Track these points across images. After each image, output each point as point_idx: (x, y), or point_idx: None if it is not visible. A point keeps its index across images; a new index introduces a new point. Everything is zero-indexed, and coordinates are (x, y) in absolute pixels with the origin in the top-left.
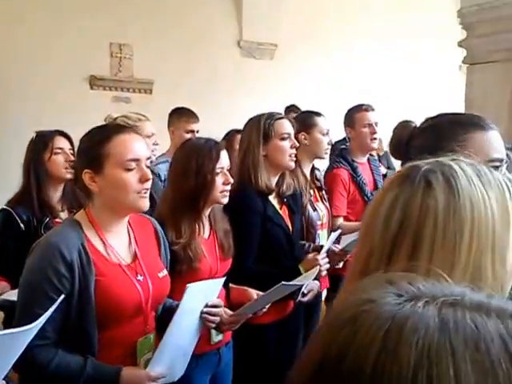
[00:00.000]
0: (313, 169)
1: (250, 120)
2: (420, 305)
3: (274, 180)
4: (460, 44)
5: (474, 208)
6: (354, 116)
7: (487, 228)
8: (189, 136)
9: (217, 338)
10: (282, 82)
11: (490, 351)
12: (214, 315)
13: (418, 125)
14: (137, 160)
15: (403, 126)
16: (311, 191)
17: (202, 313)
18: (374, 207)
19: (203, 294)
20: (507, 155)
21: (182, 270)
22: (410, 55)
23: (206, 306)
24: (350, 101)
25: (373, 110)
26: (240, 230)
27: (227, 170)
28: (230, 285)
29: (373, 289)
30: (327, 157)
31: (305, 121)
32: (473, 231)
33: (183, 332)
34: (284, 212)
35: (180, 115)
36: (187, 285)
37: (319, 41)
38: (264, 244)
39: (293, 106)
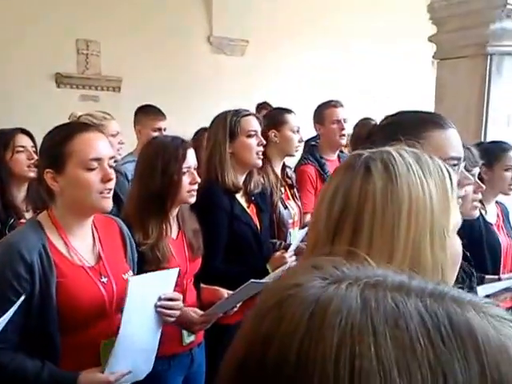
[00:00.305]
0: (284, 166)
1: (217, 117)
2: (343, 286)
3: (242, 178)
4: (430, 39)
5: (411, 192)
6: (323, 112)
7: (425, 212)
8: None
9: (188, 339)
10: (254, 79)
11: (409, 328)
12: (170, 308)
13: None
14: (99, 159)
15: (363, 123)
16: (282, 189)
17: (156, 307)
18: (321, 195)
19: (153, 287)
20: (468, 152)
21: (151, 271)
22: (387, 51)
23: (160, 299)
24: (323, 98)
25: (341, 106)
26: (207, 228)
27: (195, 169)
28: (201, 285)
29: (299, 274)
30: (298, 154)
31: (275, 118)
32: (410, 215)
33: (137, 328)
34: (252, 210)
35: (146, 113)
36: (128, 278)
37: (291, 37)
38: (231, 243)
39: (264, 103)
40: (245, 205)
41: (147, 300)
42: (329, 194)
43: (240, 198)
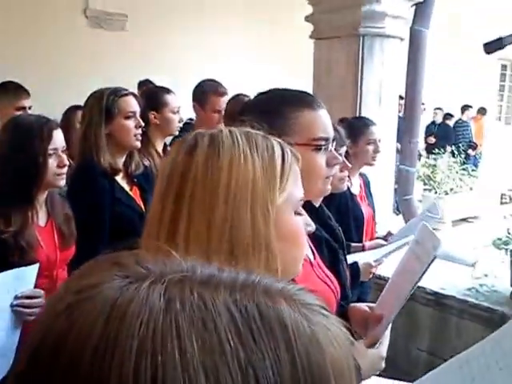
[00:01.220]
0: (165, 146)
1: (92, 95)
2: (145, 286)
3: (120, 160)
4: (307, 19)
5: (232, 165)
6: (207, 97)
7: (245, 185)
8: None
9: None
10: (135, 55)
11: (218, 328)
12: (29, 307)
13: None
14: None
15: (236, 100)
16: None
17: (12, 306)
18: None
19: (7, 287)
20: (336, 132)
21: (15, 261)
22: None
23: (17, 297)
24: (208, 74)
25: (226, 94)
26: (87, 212)
27: (63, 151)
28: None
29: (97, 272)
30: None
31: (154, 100)
32: (229, 187)
33: None
34: (135, 193)
35: (6, 91)
36: None
37: (172, 12)
38: (115, 227)
39: (146, 80)
40: (127, 187)
41: (2, 300)
42: (160, 171)
43: (121, 180)
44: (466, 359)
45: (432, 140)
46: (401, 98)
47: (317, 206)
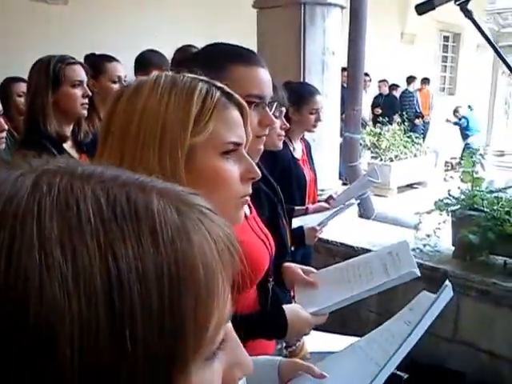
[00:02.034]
0: None
1: (39, 62)
2: (18, 172)
3: (68, 128)
4: None
5: (147, 103)
6: (149, 67)
7: (155, 122)
8: None
9: None
10: (80, 29)
11: (80, 209)
12: None
13: None
14: None
15: (184, 49)
16: None
17: None
18: None
19: None
20: (275, 93)
21: None
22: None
23: None
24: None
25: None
26: None
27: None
28: None
29: None
30: None
31: (93, 67)
32: (141, 123)
33: None
34: (85, 160)
35: None
36: None
37: None
38: None
39: (92, 54)
40: (75, 155)
41: None
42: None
43: (69, 148)
44: (358, 345)
45: (378, 111)
46: (344, 69)
47: (255, 162)
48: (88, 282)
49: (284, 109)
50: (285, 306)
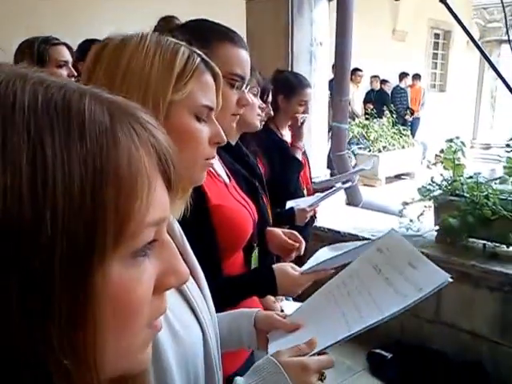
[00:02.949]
0: None
1: (23, 43)
2: None
3: None
4: None
5: (133, 56)
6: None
7: (140, 74)
8: None
9: None
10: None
11: (17, 99)
12: None
13: None
14: None
15: (167, 20)
16: None
17: None
18: None
19: None
20: (258, 75)
21: None
22: None
23: None
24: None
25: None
26: None
27: None
28: None
29: None
30: None
31: (83, 51)
32: (126, 73)
33: None
34: None
35: None
36: None
37: None
38: None
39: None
40: None
41: None
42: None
43: None
44: (328, 290)
45: (370, 107)
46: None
47: (233, 143)
48: (15, 162)
49: (259, 89)
50: (274, 265)
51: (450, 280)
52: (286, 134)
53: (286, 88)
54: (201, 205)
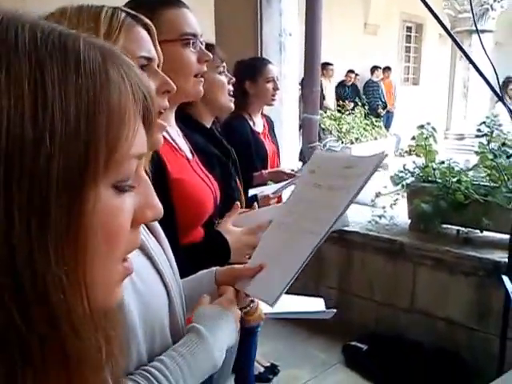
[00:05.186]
0: None
1: None
2: None
3: None
4: None
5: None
6: None
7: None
8: None
9: None
10: None
11: (18, 34)
12: None
13: None
14: None
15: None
16: None
17: None
18: None
19: None
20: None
21: None
22: None
23: None
24: None
25: None
26: None
27: None
28: None
29: None
30: None
31: None
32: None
33: None
34: None
35: None
36: None
37: None
38: None
39: None
40: None
41: None
42: None
43: None
44: (277, 223)
45: (351, 105)
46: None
47: (208, 126)
48: (18, 88)
49: (224, 64)
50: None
51: (386, 155)
52: (258, 123)
53: (248, 71)
54: (161, 177)
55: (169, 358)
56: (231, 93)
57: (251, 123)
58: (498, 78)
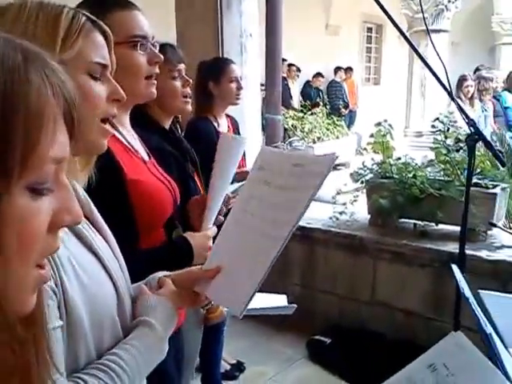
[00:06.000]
0: None
1: None
2: None
3: None
4: None
5: (16, 20)
6: None
7: (24, 36)
8: None
9: None
10: None
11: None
12: None
13: None
14: None
15: None
16: None
17: None
18: None
19: None
20: (172, 49)
21: None
22: None
23: None
24: None
25: None
26: None
27: None
28: None
29: None
30: None
31: None
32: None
33: None
34: None
35: None
36: None
37: None
38: None
39: None
40: None
41: None
42: None
43: None
44: (233, 221)
45: (323, 110)
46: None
47: (166, 126)
48: None
49: (183, 65)
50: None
51: (337, 156)
52: (223, 124)
53: (211, 72)
54: (116, 179)
55: (123, 350)
56: (188, 95)
57: (216, 124)
58: (448, 78)
